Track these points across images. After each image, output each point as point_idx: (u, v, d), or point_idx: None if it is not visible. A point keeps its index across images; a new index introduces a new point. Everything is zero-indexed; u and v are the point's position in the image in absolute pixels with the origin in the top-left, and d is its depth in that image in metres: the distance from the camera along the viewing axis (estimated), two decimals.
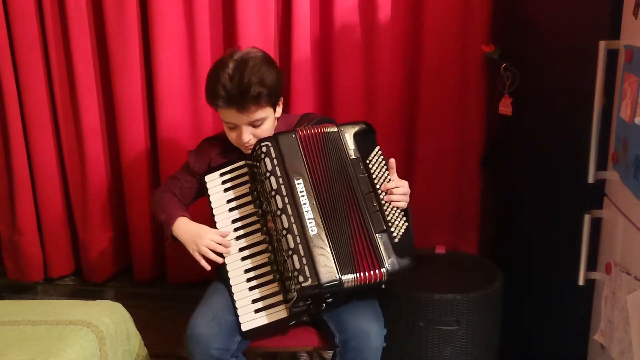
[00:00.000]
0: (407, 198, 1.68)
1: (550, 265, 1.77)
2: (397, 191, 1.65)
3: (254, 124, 1.69)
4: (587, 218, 1.46)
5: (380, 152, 1.70)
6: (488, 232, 2.42)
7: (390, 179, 1.67)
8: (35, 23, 2.37)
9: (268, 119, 1.72)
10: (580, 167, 1.45)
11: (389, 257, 1.58)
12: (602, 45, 1.37)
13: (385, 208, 1.63)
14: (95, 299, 1.95)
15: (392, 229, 1.62)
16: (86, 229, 2.57)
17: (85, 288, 2.65)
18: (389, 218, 1.63)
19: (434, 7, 2.24)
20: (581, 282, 1.48)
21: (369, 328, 1.59)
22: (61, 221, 2.59)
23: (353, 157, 1.67)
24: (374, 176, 1.66)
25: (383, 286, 1.65)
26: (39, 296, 2.67)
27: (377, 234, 1.60)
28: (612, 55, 1.38)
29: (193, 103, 2.38)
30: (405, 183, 1.68)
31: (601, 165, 1.43)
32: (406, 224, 1.65)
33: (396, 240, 1.61)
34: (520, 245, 2.05)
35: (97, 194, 2.52)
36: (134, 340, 1.92)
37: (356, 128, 1.71)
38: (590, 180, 1.43)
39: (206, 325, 1.60)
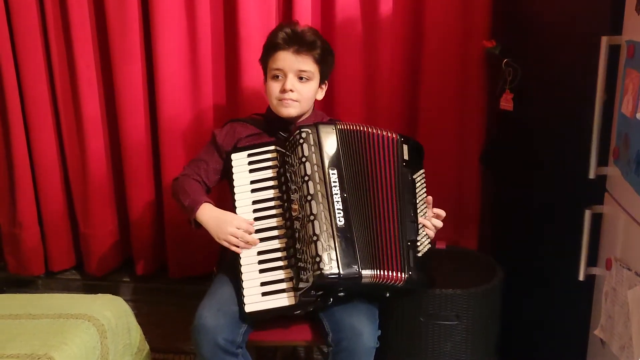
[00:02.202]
0: (435, 231, 1.75)
1: (551, 260, 1.77)
2: (435, 222, 1.73)
3: (301, 75, 1.78)
4: (587, 213, 1.46)
5: (424, 174, 1.77)
6: (488, 227, 2.42)
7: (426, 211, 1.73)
8: (36, 14, 2.36)
9: (313, 81, 1.80)
10: (581, 163, 1.44)
11: (412, 266, 1.62)
12: (604, 40, 1.36)
13: (419, 222, 1.69)
14: (96, 293, 1.95)
15: (418, 244, 1.67)
16: (87, 222, 2.57)
17: (86, 282, 2.65)
18: (419, 232, 1.68)
19: (435, 2, 2.23)
20: (581, 278, 1.49)
21: (362, 328, 1.60)
22: (62, 214, 2.59)
23: (405, 165, 1.71)
24: (417, 190, 1.72)
25: (387, 294, 1.68)
26: (40, 290, 2.68)
27: (407, 241, 1.64)
28: (613, 50, 1.37)
29: (194, 95, 2.38)
30: (441, 220, 1.76)
31: (602, 161, 1.43)
32: (429, 245, 1.70)
33: (419, 254, 1.65)
34: (520, 241, 2.05)
35: (97, 186, 2.52)
36: (135, 334, 1.93)
37: (413, 144, 1.76)
38: (591, 175, 1.43)
39: (212, 316, 1.60)
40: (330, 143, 1.67)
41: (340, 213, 1.60)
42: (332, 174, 1.63)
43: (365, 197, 1.65)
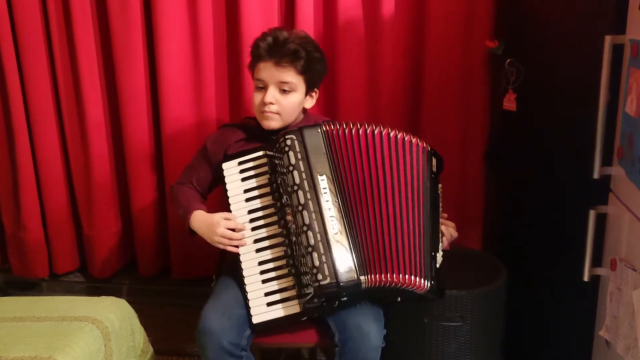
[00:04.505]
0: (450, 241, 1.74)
1: (555, 261, 1.77)
2: (452, 232, 1.72)
3: (282, 87, 1.73)
4: (592, 214, 1.45)
5: (441, 188, 1.74)
6: (492, 228, 2.42)
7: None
8: (39, 17, 2.37)
9: (297, 92, 1.75)
10: (585, 163, 1.44)
11: (434, 275, 1.60)
12: (608, 40, 1.36)
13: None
14: (99, 295, 1.95)
15: (438, 254, 1.65)
16: (91, 224, 2.57)
17: (90, 284, 2.66)
18: (439, 243, 1.67)
19: (438, 2, 2.23)
20: (586, 278, 1.48)
21: (368, 328, 1.59)
22: (65, 217, 2.59)
23: (433, 176, 1.69)
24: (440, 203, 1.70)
25: (399, 299, 1.67)
26: (44, 292, 2.68)
27: (430, 251, 1.62)
28: (617, 50, 1.37)
29: (197, 97, 2.38)
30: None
31: (606, 161, 1.42)
32: (442, 258, 1.67)
33: (437, 265, 1.64)
34: (524, 241, 2.05)
35: (101, 189, 2.52)
36: (139, 336, 1.93)
37: (438, 156, 1.75)
38: (596, 175, 1.42)
39: (217, 319, 1.60)
40: (316, 147, 1.62)
41: (333, 220, 1.57)
42: (321, 180, 1.60)
43: (368, 198, 1.61)
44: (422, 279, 1.58)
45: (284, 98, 1.75)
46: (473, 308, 1.87)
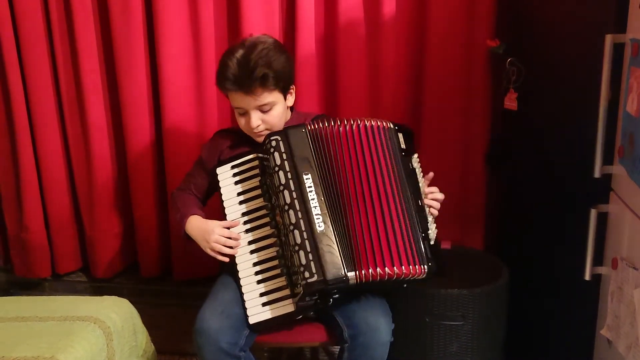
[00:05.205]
0: (439, 205, 1.71)
1: (557, 260, 1.77)
2: (438, 196, 1.69)
3: (262, 109, 1.71)
4: (593, 213, 1.46)
5: (418, 158, 1.72)
6: (494, 227, 2.42)
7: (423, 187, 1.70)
8: (41, 21, 2.38)
9: (277, 105, 1.73)
10: (586, 162, 1.44)
11: (430, 257, 1.59)
12: (608, 39, 1.36)
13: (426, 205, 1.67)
14: (102, 295, 1.96)
15: (429, 232, 1.64)
16: (93, 225, 2.58)
17: (92, 284, 2.66)
18: (428, 219, 1.65)
19: (439, 2, 2.23)
20: (587, 277, 1.48)
21: (377, 323, 1.59)
22: (68, 218, 2.60)
23: (404, 155, 1.67)
24: (418, 178, 1.68)
25: (405, 285, 1.66)
26: (47, 292, 2.69)
27: (420, 232, 1.61)
28: (618, 49, 1.37)
29: (198, 99, 2.39)
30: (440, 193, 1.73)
31: (607, 160, 1.42)
32: (436, 230, 1.67)
33: (432, 242, 1.63)
34: (526, 241, 2.05)
35: (103, 190, 2.53)
36: (141, 336, 1.93)
37: (405, 129, 1.71)
38: (597, 174, 1.43)
39: (215, 318, 1.60)
40: (301, 147, 1.62)
41: (319, 218, 1.56)
42: (307, 179, 1.60)
43: (350, 194, 1.60)
44: (417, 265, 1.57)
45: (269, 115, 1.73)
46: (475, 307, 1.88)
